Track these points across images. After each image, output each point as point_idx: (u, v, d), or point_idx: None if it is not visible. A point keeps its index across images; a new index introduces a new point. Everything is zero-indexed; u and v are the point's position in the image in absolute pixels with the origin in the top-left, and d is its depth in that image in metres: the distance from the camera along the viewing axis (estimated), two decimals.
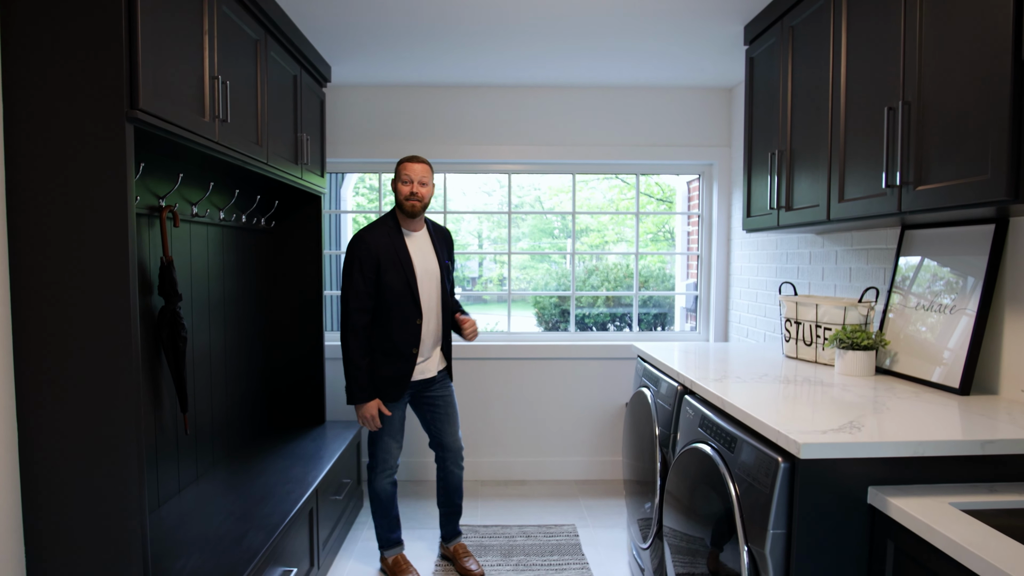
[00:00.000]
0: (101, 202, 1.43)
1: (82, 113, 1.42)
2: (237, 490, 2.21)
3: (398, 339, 2.34)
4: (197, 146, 1.75)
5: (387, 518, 2.51)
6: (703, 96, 3.55)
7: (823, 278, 2.57)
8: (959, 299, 1.75)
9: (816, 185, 2.02)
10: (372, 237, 2.36)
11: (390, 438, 2.43)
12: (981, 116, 1.34)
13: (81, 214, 1.43)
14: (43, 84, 1.42)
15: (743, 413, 1.51)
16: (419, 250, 2.42)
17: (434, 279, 2.43)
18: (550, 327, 5.96)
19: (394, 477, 2.50)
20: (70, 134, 1.42)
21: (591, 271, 6.01)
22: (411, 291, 2.34)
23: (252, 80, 2.13)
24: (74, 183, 1.43)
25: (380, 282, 2.33)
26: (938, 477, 1.30)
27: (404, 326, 2.34)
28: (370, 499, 2.51)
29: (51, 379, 1.44)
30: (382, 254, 2.33)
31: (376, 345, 2.36)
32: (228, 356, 2.58)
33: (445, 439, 2.54)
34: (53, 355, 1.44)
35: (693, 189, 5.03)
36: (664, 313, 5.26)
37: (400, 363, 2.36)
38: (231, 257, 2.61)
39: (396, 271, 2.33)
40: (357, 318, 2.31)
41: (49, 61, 1.41)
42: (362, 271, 2.31)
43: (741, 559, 1.40)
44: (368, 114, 3.50)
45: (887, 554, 1.25)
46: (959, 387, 1.67)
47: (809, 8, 2.06)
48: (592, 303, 5.96)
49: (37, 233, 1.44)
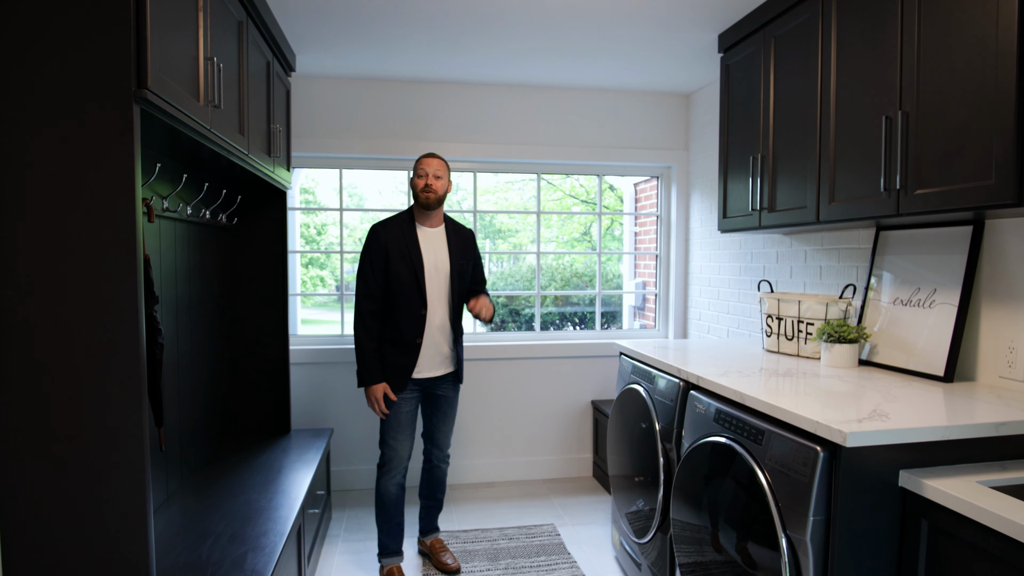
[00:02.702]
0: (103, 197, 1.27)
1: (82, 93, 1.25)
2: (218, 509, 2.04)
3: (404, 328, 2.39)
4: (193, 134, 1.59)
5: (389, 524, 2.47)
6: (663, 101, 3.67)
7: (791, 276, 2.72)
8: (939, 294, 1.90)
9: (802, 188, 2.13)
10: (385, 229, 2.44)
11: (399, 432, 2.44)
12: (984, 125, 1.46)
13: (82, 210, 1.26)
14: (36, 59, 1.24)
15: (772, 407, 1.56)
16: (431, 245, 2.46)
17: (443, 274, 2.45)
18: (497, 328, 5.94)
19: (402, 480, 2.48)
20: (67, 116, 1.25)
21: (534, 270, 6.04)
22: (417, 282, 2.40)
23: (235, 64, 1.98)
24: (70, 176, 1.26)
25: (389, 272, 2.40)
26: (956, 459, 1.41)
27: (410, 316, 2.39)
28: (376, 500, 2.48)
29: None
30: (392, 245, 2.40)
31: (385, 334, 2.41)
32: (194, 363, 2.38)
33: (437, 436, 2.60)
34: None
35: (640, 191, 5.19)
36: (614, 312, 5.38)
37: (406, 352, 2.40)
38: (195, 256, 2.41)
39: (404, 262, 2.39)
40: (365, 304, 2.40)
41: (43, 28, 1.24)
42: (371, 262, 2.40)
43: (780, 546, 1.45)
44: (330, 107, 3.34)
45: (921, 532, 1.34)
46: (944, 375, 1.82)
47: (794, 20, 2.17)
48: (542, 302, 6.00)
49: (27, 230, 1.25)
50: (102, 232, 1.27)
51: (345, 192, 3.91)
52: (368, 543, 2.76)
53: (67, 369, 1.27)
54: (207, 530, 1.87)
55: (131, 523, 1.30)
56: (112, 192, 1.27)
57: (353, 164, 3.48)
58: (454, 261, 2.47)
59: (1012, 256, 1.73)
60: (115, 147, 1.27)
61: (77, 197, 1.26)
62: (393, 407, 2.41)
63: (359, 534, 2.86)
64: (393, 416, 2.42)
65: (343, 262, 3.53)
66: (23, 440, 1.27)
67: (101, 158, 1.27)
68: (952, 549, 1.27)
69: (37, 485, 1.27)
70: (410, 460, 2.50)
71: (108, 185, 1.27)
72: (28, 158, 1.25)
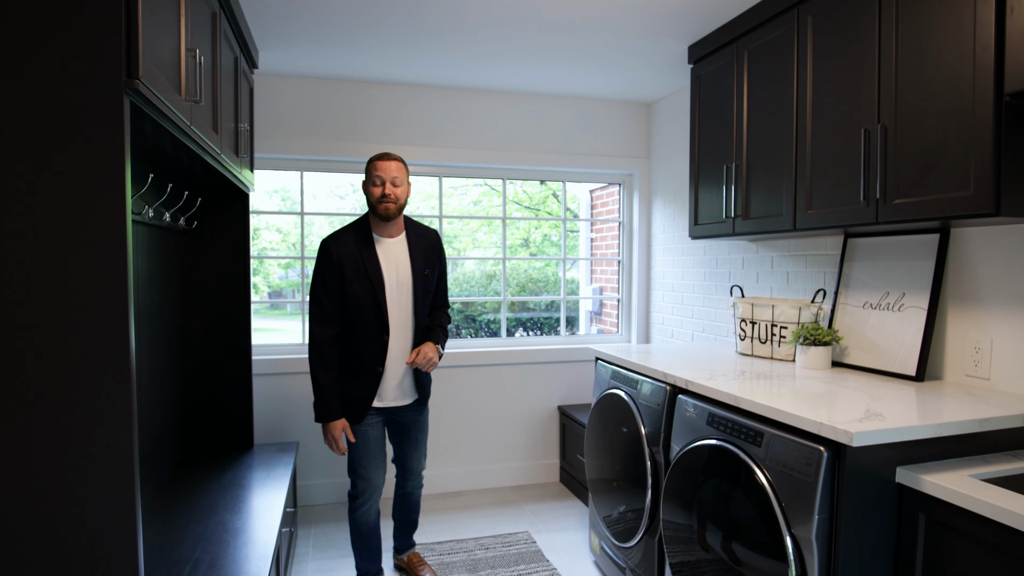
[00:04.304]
0: (91, 200, 1.16)
1: (67, 83, 1.14)
2: (191, 532, 1.90)
3: (364, 356, 2.20)
4: (175, 130, 1.48)
5: (368, 550, 2.35)
6: (626, 109, 3.73)
7: (758, 281, 2.82)
8: (908, 298, 2.01)
9: (778, 197, 2.21)
10: (337, 244, 2.19)
11: (368, 462, 2.26)
12: (962, 139, 1.56)
13: (68, 214, 1.15)
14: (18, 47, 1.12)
15: (772, 409, 1.60)
16: (391, 259, 2.23)
17: (406, 292, 2.24)
18: (453, 334, 5.87)
19: (378, 507, 2.34)
20: (49, 111, 1.13)
21: (491, 276, 6.03)
22: (377, 305, 2.18)
23: (210, 59, 1.86)
24: (54, 180, 1.14)
25: (344, 293, 2.16)
26: (943, 454, 1.49)
27: (370, 343, 2.19)
28: (351, 530, 2.32)
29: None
30: (346, 263, 2.16)
31: (344, 363, 2.21)
32: (155, 376, 2.21)
33: (409, 462, 2.45)
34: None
35: (596, 197, 5.26)
36: (571, 317, 5.43)
37: (366, 382, 2.21)
38: (156, 261, 2.25)
39: (362, 282, 2.16)
40: (318, 331, 2.17)
41: (22, 13, 1.12)
42: (324, 282, 2.17)
43: (785, 545, 1.48)
44: (290, 107, 3.21)
45: (918, 525, 1.40)
46: (916, 375, 1.92)
47: (769, 35, 2.25)
48: (496, 308, 5.98)
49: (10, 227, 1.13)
50: (89, 234, 1.16)
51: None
52: (340, 560, 2.65)
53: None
54: (183, 556, 1.74)
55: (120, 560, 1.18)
56: (101, 199, 1.16)
57: (314, 167, 3.35)
58: (417, 274, 2.24)
59: (977, 262, 1.86)
60: (104, 150, 1.16)
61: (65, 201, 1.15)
62: (359, 434, 2.22)
63: (329, 551, 2.74)
64: (361, 443, 2.23)
65: (304, 266, 3.39)
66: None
67: (89, 164, 1.15)
68: (949, 540, 1.34)
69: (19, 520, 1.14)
70: (384, 484, 2.36)
71: (97, 192, 1.16)
72: (8, 153, 1.12)
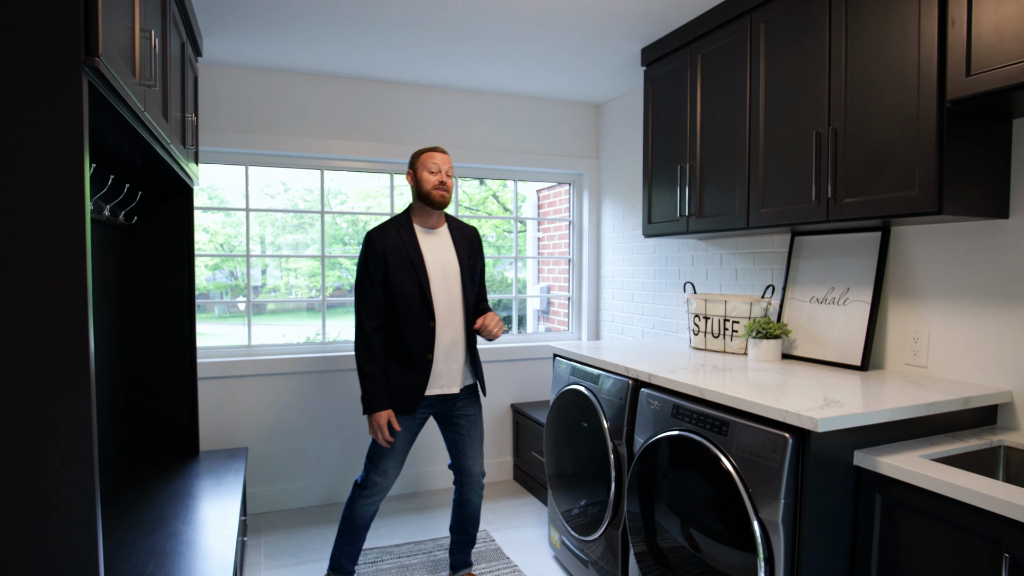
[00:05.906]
0: (49, 193, 1.06)
1: (19, 60, 1.04)
2: (141, 546, 1.78)
3: (411, 344, 2.19)
4: (129, 115, 1.39)
5: (352, 547, 2.29)
6: (576, 110, 3.78)
7: (707, 278, 2.92)
8: (852, 292, 2.14)
9: (731, 196, 2.30)
10: (381, 236, 2.22)
11: (392, 459, 2.23)
12: (907, 142, 1.67)
13: (21, 205, 1.05)
14: None
15: (737, 400, 1.66)
16: (435, 248, 2.26)
17: (452, 279, 2.25)
18: None
19: (379, 504, 2.30)
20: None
21: None
22: (422, 291, 2.19)
23: (161, 42, 1.75)
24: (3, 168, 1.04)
25: (389, 283, 2.19)
26: (892, 437, 1.59)
27: (417, 330, 2.19)
28: (343, 518, 2.27)
29: None
30: (390, 253, 2.19)
31: (391, 353, 2.21)
32: (96, 381, 2.06)
33: (464, 462, 2.36)
34: None
35: (543, 197, 5.31)
36: (519, 316, 5.43)
37: (415, 372, 2.20)
38: (95, 259, 2.09)
39: (406, 270, 2.19)
40: (366, 323, 2.19)
41: None
42: (368, 274, 2.20)
43: (753, 529, 1.54)
44: (236, 99, 3.07)
45: (875, 505, 1.49)
46: (860, 364, 2.04)
47: (722, 40, 2.33)
48: None
49: None
50: (44, 224, 1.07)
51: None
52: (293, 569, 2.56)
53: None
54: (134, 571, 1.62)
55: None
56: (60, 197, 1.07)
57: (260, 161, 3.22)
58: (463, 262, 2.28)
59: (915, 258, 1.99)
60: (60, 137, 1.07)
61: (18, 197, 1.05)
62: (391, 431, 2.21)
63: (282, 559, 2.63)
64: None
65: (249, 266, 3.25)
66: None
67: (44, 146, 1.06)
68: (904, 517, 1.43)
69: None
70: (392, 486, 2.31)
71: (57, 190, 1.07)
72: None
